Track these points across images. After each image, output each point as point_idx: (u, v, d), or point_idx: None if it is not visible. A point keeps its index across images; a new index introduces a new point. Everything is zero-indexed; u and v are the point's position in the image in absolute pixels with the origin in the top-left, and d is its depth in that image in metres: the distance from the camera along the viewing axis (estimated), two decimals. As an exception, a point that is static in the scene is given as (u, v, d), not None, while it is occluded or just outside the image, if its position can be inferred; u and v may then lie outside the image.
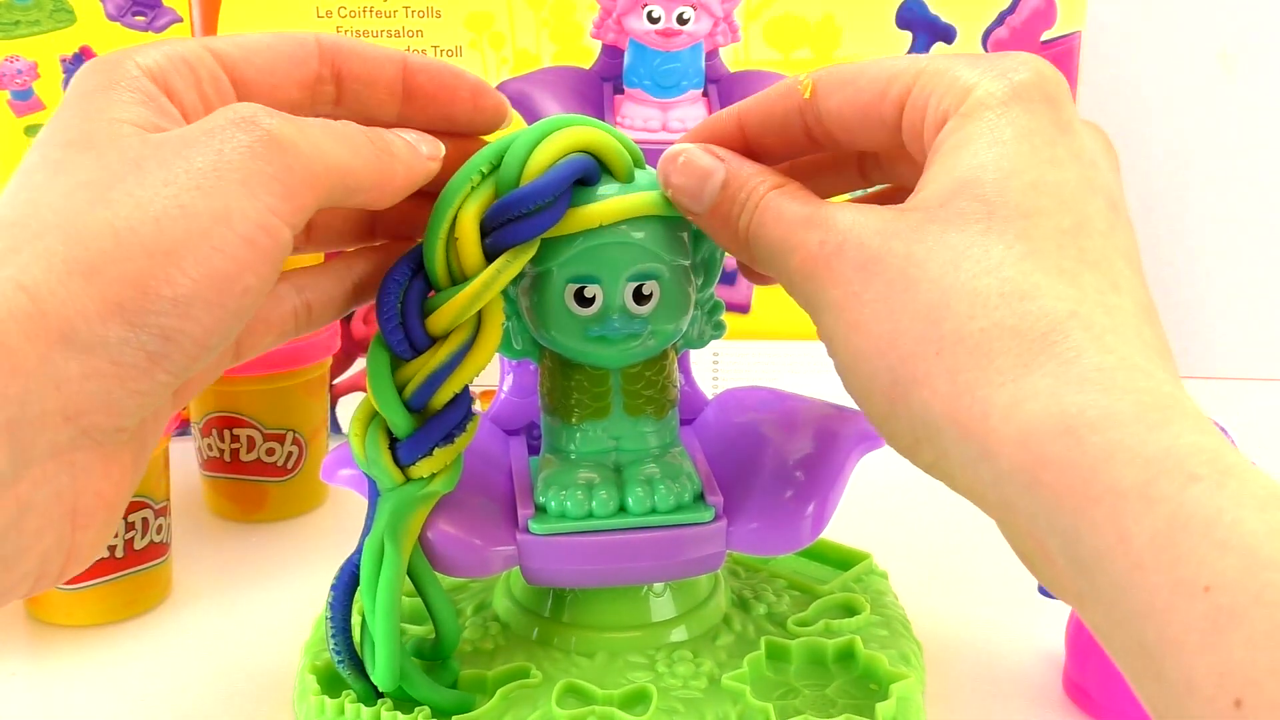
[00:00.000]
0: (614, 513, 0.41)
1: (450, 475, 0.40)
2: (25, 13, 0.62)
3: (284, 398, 0.59)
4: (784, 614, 0.46)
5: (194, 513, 0.60)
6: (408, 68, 0.36)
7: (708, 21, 0.54)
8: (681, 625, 0.44)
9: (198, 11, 0.62)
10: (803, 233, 0.32)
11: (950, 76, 0.32)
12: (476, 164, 0.37)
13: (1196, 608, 0.23)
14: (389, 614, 0.39)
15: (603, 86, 0.61)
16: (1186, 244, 0.78)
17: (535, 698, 0.41)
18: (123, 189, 0.29)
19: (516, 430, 0.48)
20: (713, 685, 0.42)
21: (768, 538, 0.41)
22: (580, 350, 0.40)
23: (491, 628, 0.45)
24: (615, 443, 0.42)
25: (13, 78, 0.62)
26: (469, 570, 0.41)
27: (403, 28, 0.62)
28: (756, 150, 0.36)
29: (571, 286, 0.39)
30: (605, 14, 0.54)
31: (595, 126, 0.38)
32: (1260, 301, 0.78)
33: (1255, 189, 0.77)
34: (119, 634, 0.50)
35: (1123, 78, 0.75)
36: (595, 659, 0.43)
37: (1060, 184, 0.30)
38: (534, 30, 0.62)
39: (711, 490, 0.42)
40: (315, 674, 0.42)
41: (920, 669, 0.44)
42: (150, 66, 0.32)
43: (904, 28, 0.62)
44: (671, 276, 0.39)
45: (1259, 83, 0.75)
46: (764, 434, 0.44)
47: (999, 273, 0.28)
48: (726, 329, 0.44)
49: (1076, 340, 0.27)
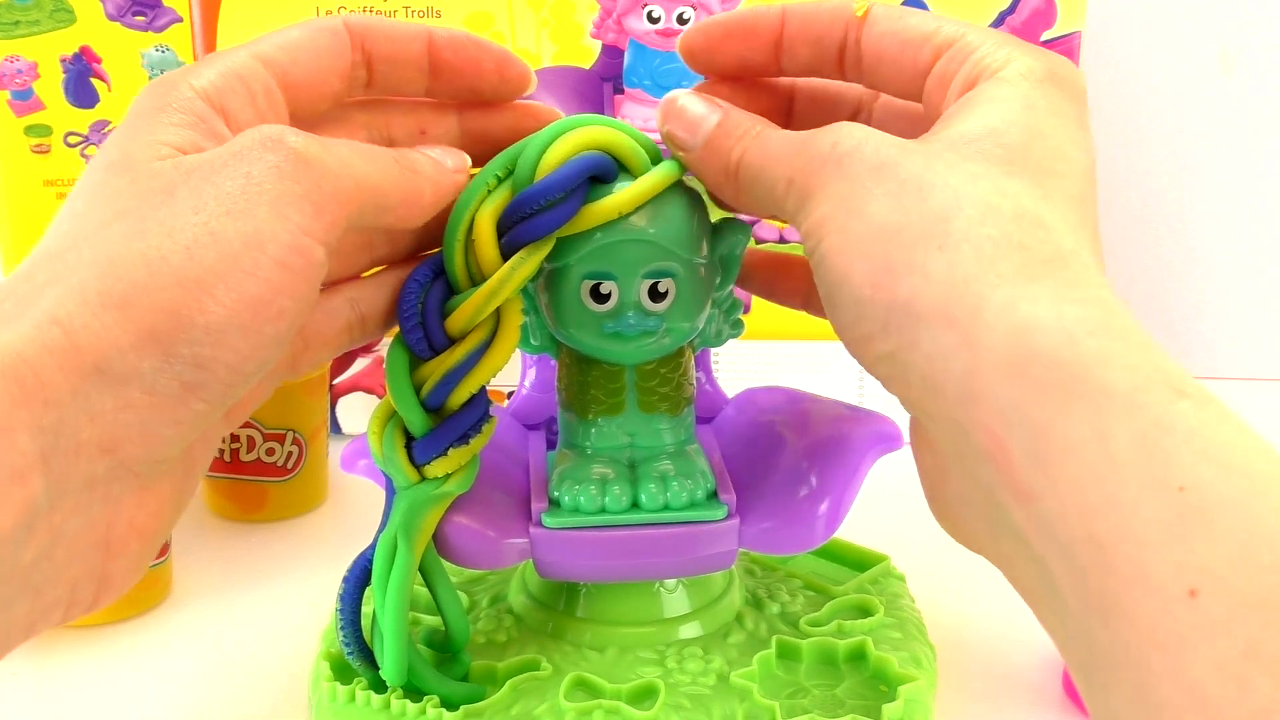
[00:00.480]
0: (627, 508, 0.41)
1: (465, 477, 0.40)
2: (25, 13, 0.62)
3: (284, 398, 0.58)
4: (797, 614, 0.46)
5: (194, 513, 0.60)
6: (433, 42, 0.37)
7: (708, 21, 0.54)
8: (693, 622, 0.45)
9: (198, 11, 0.62)
10: (811, 141, 0.33)
11: (995, 43, 0.33)
12: (492, 168, 0.38)
13: (1166, 505, 0.24)
14: (399, 611, 0.39)
15: (603, 86, 0.61)
16: (1186, 244, 0.78)
17: (544, 690, 0.41)
18: (155, 218, 0.29)
19: (537, 425, 0.48)
20: (721, 682, 0.42)
21: (780, 537, 0.41)
22: (595, 346, 0.40)
23: (505, 620, 0.46)
24: (630, 439, 0.42)
25: (13, 78, 0.62)
26: (483, 562, 0.41)
27: (403, 28, 0.62)
28: (785, 52, 0.37)
29: (587, 283, 0.39)
30: (605, 14, 0.54)
31: (610, 125, 0.38)
32: (1260, 301, 0.78)
33: (1255, 189, 0.77)
34: (119, 634, 0.50)
35: (1123, 78, 0.75)
36: (606, 653, 0.43)
37: (1076, 159, 0.31)
38: (534, 30, 0.62)
39: (725, 488, 0.42)
40: (329, 661, 0.43)
41: (932, 672, 0.44)
42: (205, 87, 0.32)
43: (904, 28, 0.62)
44: (688, 274, 0.39)
45: (1259, 82, 0.75)
46: (780, 434, 0.44)
47: (1015, 200, 0.29)
48: (745, 328, 0.44)
49: (1079, 269, 0.28)
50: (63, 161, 0.63)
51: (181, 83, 0.32)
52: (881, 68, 0.35)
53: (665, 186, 0.38)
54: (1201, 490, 0.24)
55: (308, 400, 0.59)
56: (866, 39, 0.35)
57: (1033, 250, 0.28)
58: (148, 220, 0.29)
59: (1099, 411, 0.25)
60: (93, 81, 0.63)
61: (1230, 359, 0.79)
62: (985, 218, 0.29)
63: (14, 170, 0.63)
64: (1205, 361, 0.79)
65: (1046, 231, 0.29)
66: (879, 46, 0.35)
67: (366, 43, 0.36)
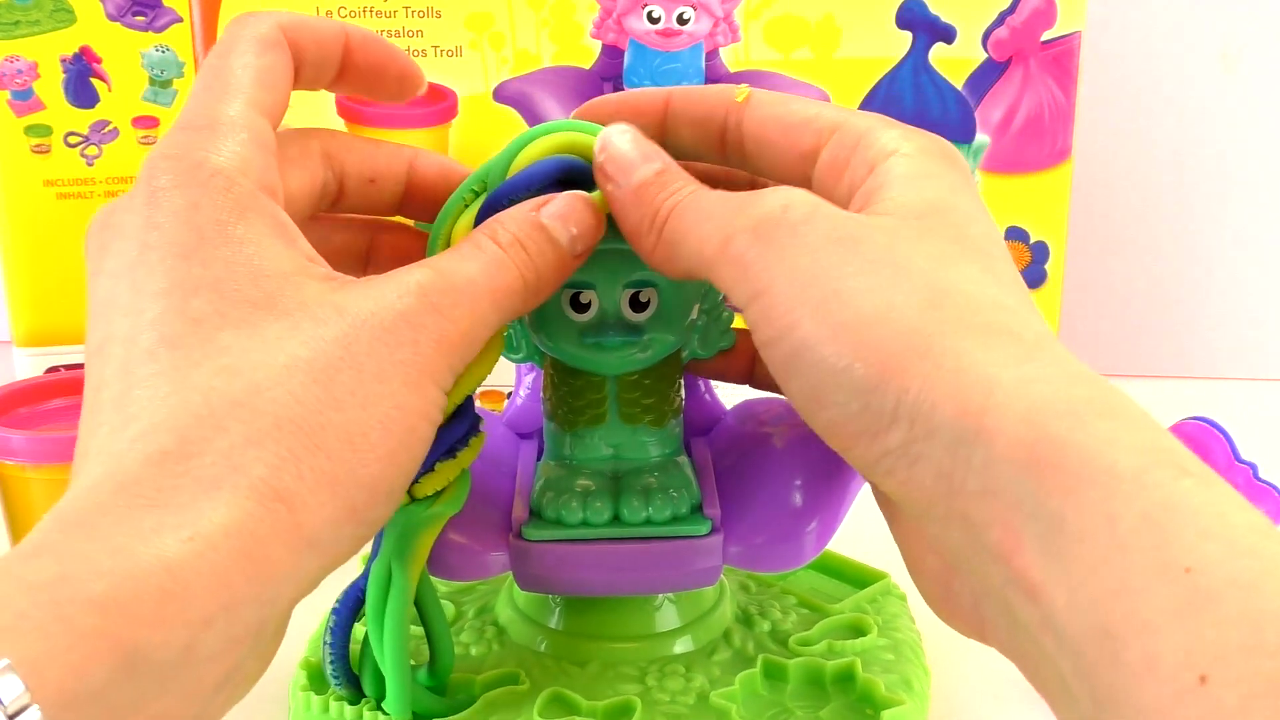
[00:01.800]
0: (608, 522, 0.40)
1: (456, 496, 0.38)
2: (25, 13, 0.62)
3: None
4: (788, 632, 0.45)
5: (194, 513, 0.60)
6: (349, 43, 0.36)
7: (708, 21, 0.54)
8: (680, 638, 0.44)
9: (198, 11, 0.62)
10: (755, 202, 0.31)
11: (883, 124, 0.33)
12: (469, 184, 0.37)
13: (1174, 588, 0.23)
14: (398, 642, 0.38)
15: (603, 86, 0.61)
16: (1186, 244, 0.78)
17: (519, 705, 0.41)
18: (342, 383, 0.29)
19: (530, 434, 0.47)
20: (701, 701, 0.41)
21: (766, 554, 0.40)
22: (576, 356, 0.40)
23: (488, 632, 0.45)
24: (613, 450, 0.41)
25: (13, 78, 0.62)
26: (466, 574, 0.40)
27: (403, 28, 0.62)
28: (670, 133, 0.36)
29: (567, 291, 0.39)
30: (605, 14, 0.54)
31: (585, 130, 0.37)
32: (1260, 301, 0.78)
33: (1256, 189, 0.77)
34: (119, 634, 0.50)
35: (1123, 78, 0.75)
36: (587, 669, 0.42)
37: (999, 239, 0.32)
38: (534, 30, 0.62)
39: (711, 503, 0.41)
40: (306, 670, 0.43)
41: (923, 696, 0.43)
42: (254, 175, 0.31)
43: (904, 28, 0.62)
44: (670, 284, 0.39)
45: (1260, 83, 0.75)
46: (774, 446, 0.43)
47: (984, 289, 0.29)
48: (736, 340, 0.42)
49: (1060, 350, 0.28)
50: (63, 161, 0.63)
51: (228, 174, 0.30)
52: (764, 151, 0.35)
53: None
54: (1209, 571, 0.23)
55: (308, 400, 0.59)
56: (749, 122, 0.35)
57: (1021, 336, 0.28)
58: (335, 383, 0.28)
59: (1107, 495, 0.25)
60: (93, 81, 0.63)
61: (1230, 359, 0.79)
62: (972, 307, 0.29)
63: (14, 170, 0.63)
64: (1205, 361, 0.79)
65: (1017, 315, 0.29)
66: (761, 130, 0.35)
67: (298, 41, 0.34)
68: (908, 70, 0.63)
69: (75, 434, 0.49)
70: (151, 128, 0.64)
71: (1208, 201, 0.77)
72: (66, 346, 0.65)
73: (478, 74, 0.63)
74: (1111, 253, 0.78)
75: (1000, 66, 0.63)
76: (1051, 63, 0.63)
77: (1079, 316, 0.77)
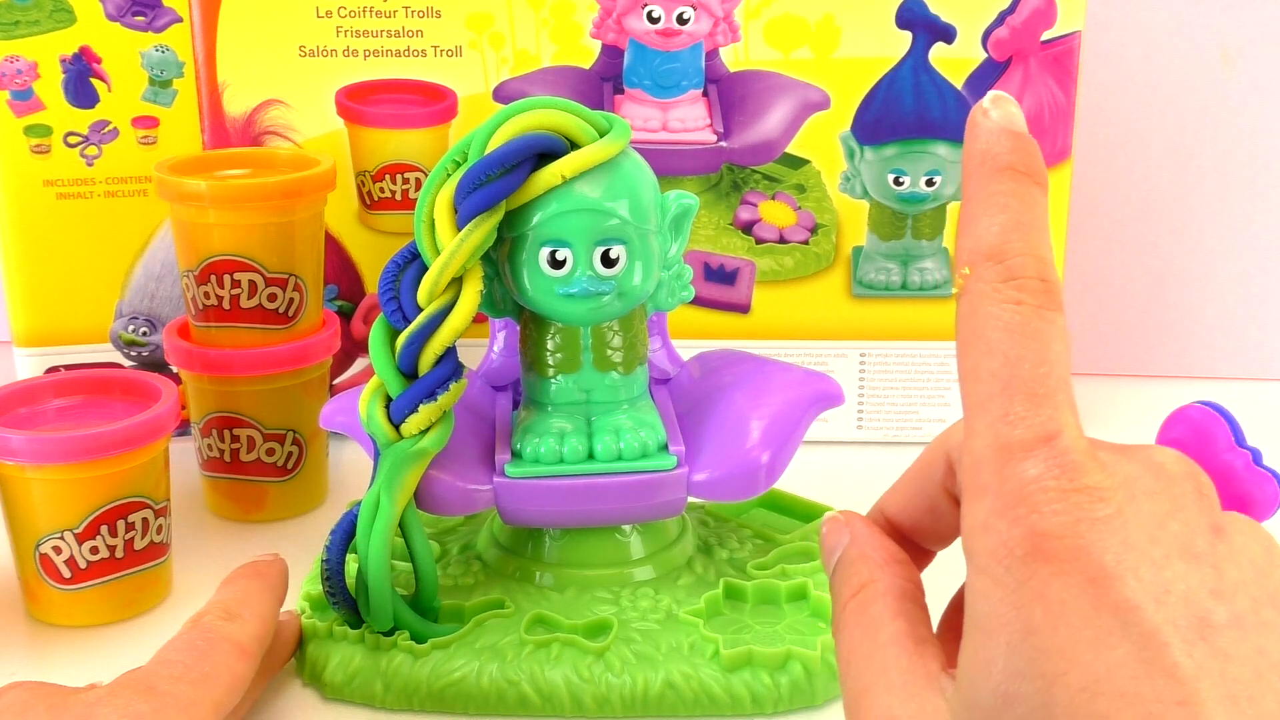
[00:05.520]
0: (583, 459, 0.45)
1: (439, 434, 0.44)
2: (25, 13, 0.62)
3: (284, 398, 0.58)
4: (744, 559, 0.50)
5: (194, 513, 0.60)
6: None
7: (707, 21, 0.54)
8: (647, 565, 0.48)
9: (198, 11, 0.62)
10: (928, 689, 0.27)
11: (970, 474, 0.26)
12: (450, 155, 0.42)
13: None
14: (381, 560, 0.43)
15: (603, 86, 0.61)
16: (1187, 244, 0.78)
17: (507, 626, 0.45)
18: None
19: (504, 386, 0.52)
20: (670, 619, 0.46)
21: (725, 484, 0.45)
22: (552, 308, 0.44)
23: (474, 566, 0.50)
24: (586, 395, 0.46)
25: (13, 78, 0.62)
26: (454, 508, 0.45)
27: (403, 28, 0.62)
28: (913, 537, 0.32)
29: (545, 250, 0.43)
30: (605, 14, 0.54)
31: (560, 108, 0.42)
32: (1260, 301, 0.78)
33: (1256, 189, 0.77)
34: (119, 634, 0.50)
35: (1123, 77, 0.75)
36: (565, 594, 0.47)
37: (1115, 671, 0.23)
38: (534, 30, 0.62)
39: (675, 440, 0.46)
40: (309, 601, 0.48)
41: None
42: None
43: (904, 28, 0.62)
44: (638, 241, 0.43)
45: (1260, 83, 0.75)
46: (730, 392, 0.48)
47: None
48: (695, 294, 0.48)
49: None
50: (63, 162, 0.63)
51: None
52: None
53: (608, 157, 0.42)
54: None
55: (308, 400, 0.59)
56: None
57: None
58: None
59: None
60: (93, 81, 0.63)
61: (1230, 359, 0.79)
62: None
63: (14, 170, 0.63)
64: (1205, 361, 0.79)
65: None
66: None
67: None
68: (908, 70, 0.63)
69: (75, 434, 0.50)
70: (151, 128, 0.64)
71: (1207, 201, 0.77)
72: (66, 346, 0.65)
73: (478, 74, 0.63)
74: (1111, 252, 0.78)
75: (1000, 66, 0.63)
76: (1051, 62, 0.63)
77: (1079, 316, 0.77)
